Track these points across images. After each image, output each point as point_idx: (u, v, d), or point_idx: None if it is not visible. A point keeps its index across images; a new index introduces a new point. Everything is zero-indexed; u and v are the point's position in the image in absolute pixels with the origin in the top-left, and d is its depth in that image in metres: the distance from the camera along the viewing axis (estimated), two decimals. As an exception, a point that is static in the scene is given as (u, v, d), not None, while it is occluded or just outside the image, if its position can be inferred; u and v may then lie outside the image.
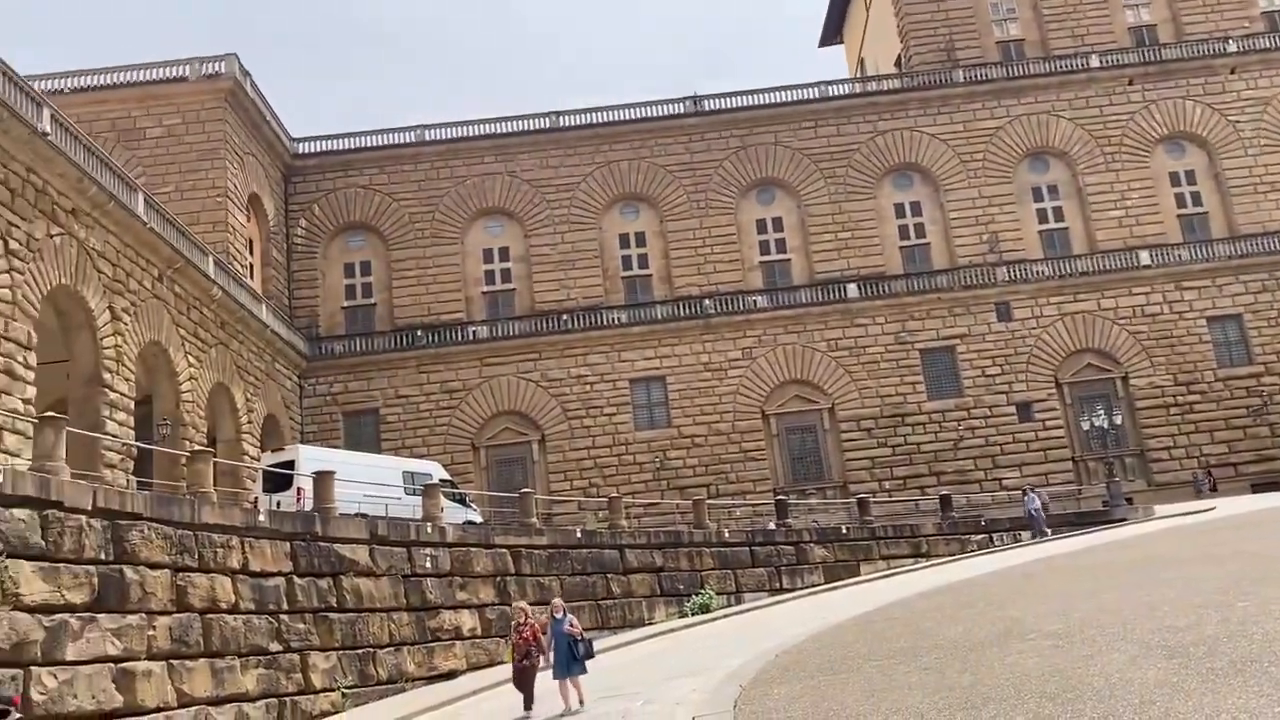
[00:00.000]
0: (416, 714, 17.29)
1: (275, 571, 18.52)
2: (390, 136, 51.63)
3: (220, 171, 43.85)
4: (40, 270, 25.70)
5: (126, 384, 29.46)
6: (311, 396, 46.79)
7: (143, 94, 44.44)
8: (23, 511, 13.51)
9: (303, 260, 49.99)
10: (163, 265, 32.70)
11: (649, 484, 45.21)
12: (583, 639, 14.99)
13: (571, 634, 14.89)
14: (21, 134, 25.02)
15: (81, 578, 14.09)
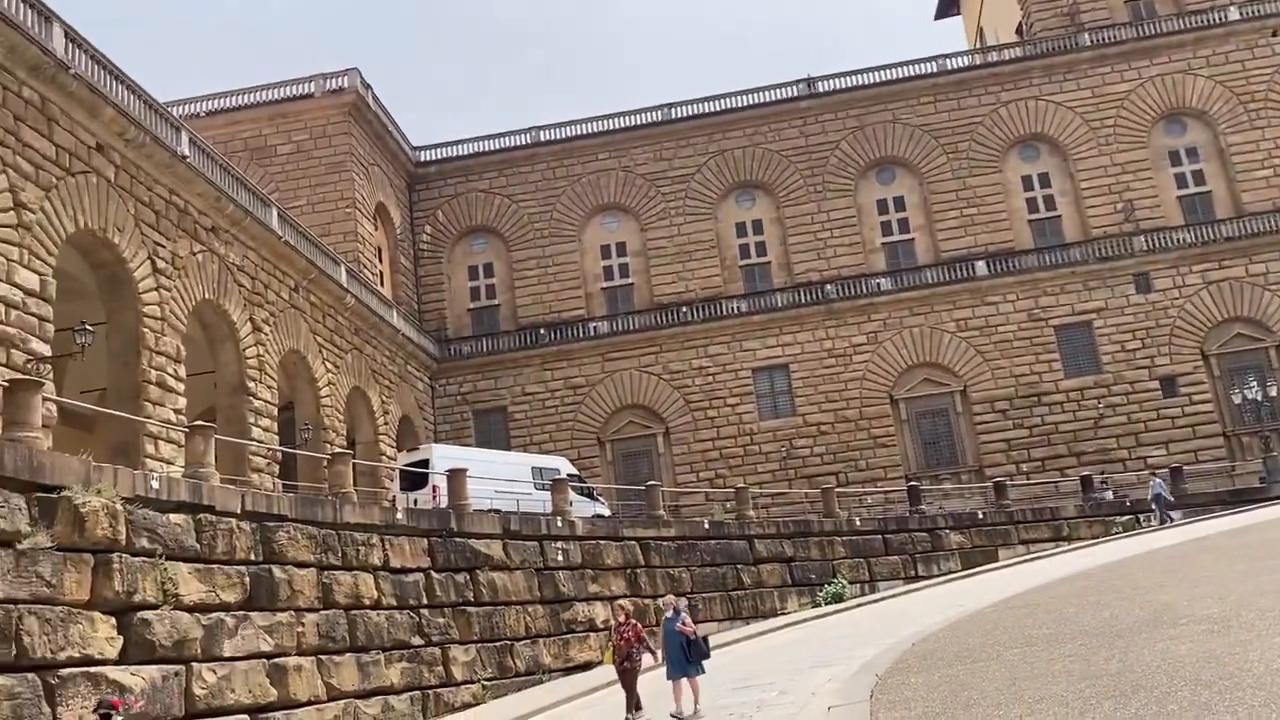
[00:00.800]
0: (549, 707, 17.59)
1: (414, 568, 19.10)
2: (506, 140, 52.51)
3: (348, 183, 45.42)
4: (185, 286, 27.10)
5: (269, 391, 30.81)
6: (443, 397, 48.06)
7: (272, 113, 46.38)
8: (178, 516, 14.27)
9: (429, 265, 51.37)
10: (298, 276, 34.07)
11: (776, 474, 44.87)
12: (696, 638, 14.34)
13: (684, 633, 14.24)
14: (163, 158, 26.42)
15: (234, 577, 14.80)
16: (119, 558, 12.76)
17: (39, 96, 22.05)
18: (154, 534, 13.55)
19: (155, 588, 13.21)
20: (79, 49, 23.43)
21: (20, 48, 21.25)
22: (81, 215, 23.01)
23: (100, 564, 12.57)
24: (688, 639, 14.19)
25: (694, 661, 14.13)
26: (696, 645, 14.19)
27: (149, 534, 13.46)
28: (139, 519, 13.39)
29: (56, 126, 22.59)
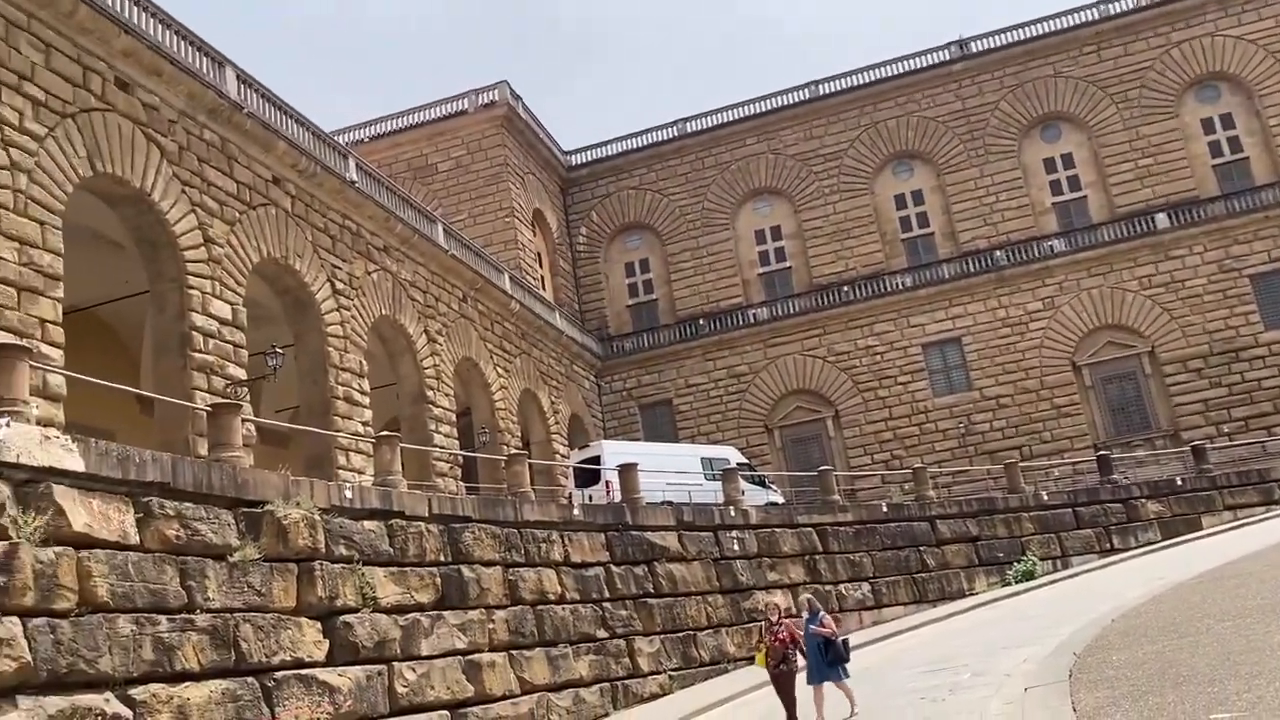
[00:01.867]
0: (734, 696, 17.61)
1: (594, 562, 19.47)
2: (652, 136, 52.83)
3: (505, 193, 46.72)
4: (363, 305, 28.47)
5: (447, 399, 32.04)
6: (609, 394, 48.81)
7: (430, 132, 48.20)
8: (372, 523, 15.01)
9: (587, 266, 52.26)
10: (465, 287, 35.28)
11: (954, 451, 43.50)
12: (836, 639, 13.54)
13: (822, 634, 13.44)
14: (334, 185, 27.82)
15: (426, 579, 15.45)
16: (320, 565, 13.51)
17: (218, 137, 23.58)
18: (350, 541, 14.29)
19: (355, 592, 13.93)
20: (249, 89, 24.92)
21: (198, 94, 22.77)
22: (265, 245, 24.48)
23: (303, 572, 13.35)
24: (826, 640, 13.45)
25: (834, 664, 13.42)
26: (836, 647, 13.45)
27: (346, 541, 14.21)
28: (336, 528, 14.14)
29: (236, 164, 24.10)
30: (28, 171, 18.03)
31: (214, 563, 12.08)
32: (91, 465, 11.00)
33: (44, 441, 10.62)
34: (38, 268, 17.78)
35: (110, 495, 11.16)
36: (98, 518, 10.81)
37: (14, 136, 17.86)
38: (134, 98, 21.06)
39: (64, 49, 19.42)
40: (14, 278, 17.24)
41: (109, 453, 11.32)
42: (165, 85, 21.89)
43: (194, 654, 11.23)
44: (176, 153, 22.05)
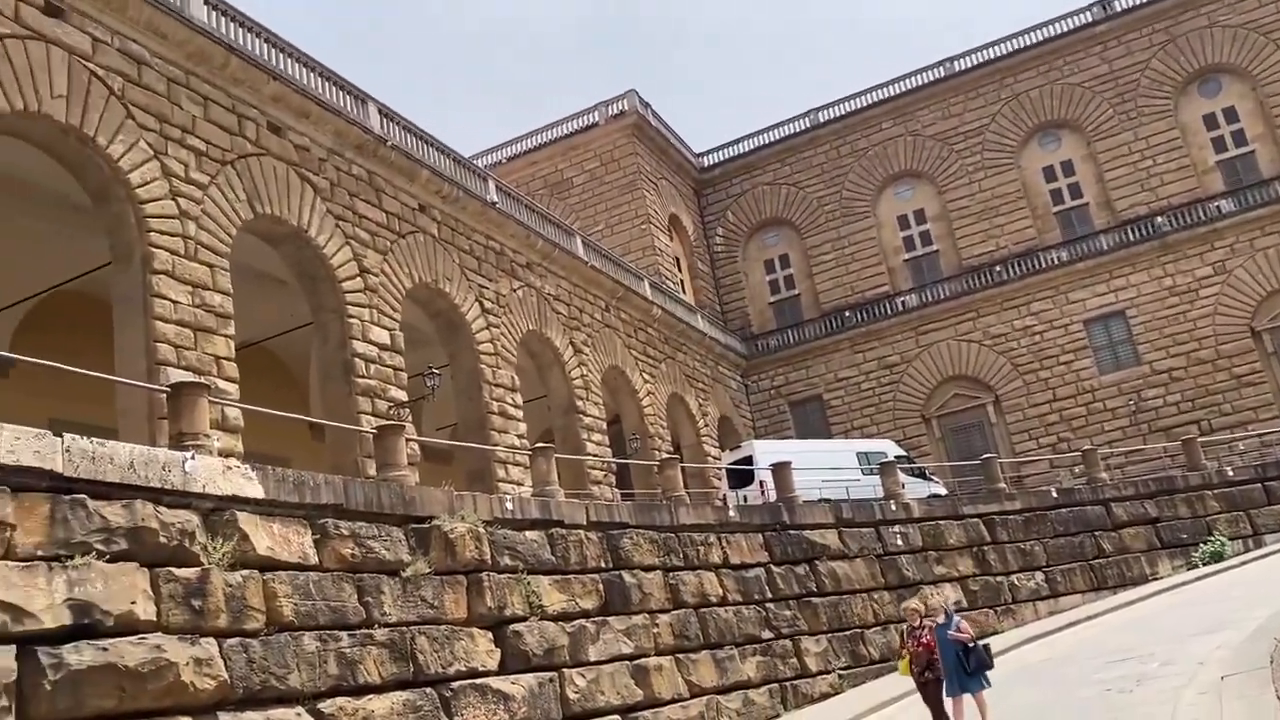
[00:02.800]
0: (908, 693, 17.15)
1: (754, 563, 19.35)
2: (784, 129, 52.26)
3: (640, 201, 47.08)
4: (511, 321, 29.16)
5: (596, 408, 32.46)
6: (756, 393, 48.47)
7: (564, 147, 49.03)
8: (533, 532, 15.32)
9: (725, 266, 52.09)
10: (607, 297, 35.71)
11: (1125, 430, 41.32)
12: (975, 644, 12.56)
13: (959, 640, 12.46)
14: (476, 208, 28.63)
15: (589, 585, 15.66)
16: (487, 576, 13.87)
17: (366, 171, 24.58)
18: (514, 551, 14.62)
19: (522, 601, 14.24)
20: (391, 122, 25.90)
21: (344, 131, 23.81)
22: (415, 271, 25.38)
23: (472, 583, 13.72)
24: (964, 647, 12.45)
25: (974, 673, 12.36)
26: (976, 654, 12.42)
27: (510, 552, 14.54)
28: (500, 539, 14.50)
29: (384, 195, 25.07)
30: (195, 219, 19.20)
31: (388, 578, 12.55)
32: (270, 491, 11.59)
33: (226, 471, 11.25)
34: (210, 308, 18.90)
35: (289, 519, 11.74)
36: (279, 541, 11.38)
37: (181, 187, 19.05)
38: (286, 140, 22.17)
39: (220, 100, 20.61)
40: (189, 319, 18.37)
41: (286, 479, 11.91)
42: (314, 126, 22.97)
43: (375, 667, 11.68)
44: (328, 189, 23.09)
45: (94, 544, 9.34)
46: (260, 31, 22.04)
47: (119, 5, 18.45)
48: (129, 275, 18.13)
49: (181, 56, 19.80)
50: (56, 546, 9.07)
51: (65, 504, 9.29)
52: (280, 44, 22.58)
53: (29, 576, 8.68)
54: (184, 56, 19.85)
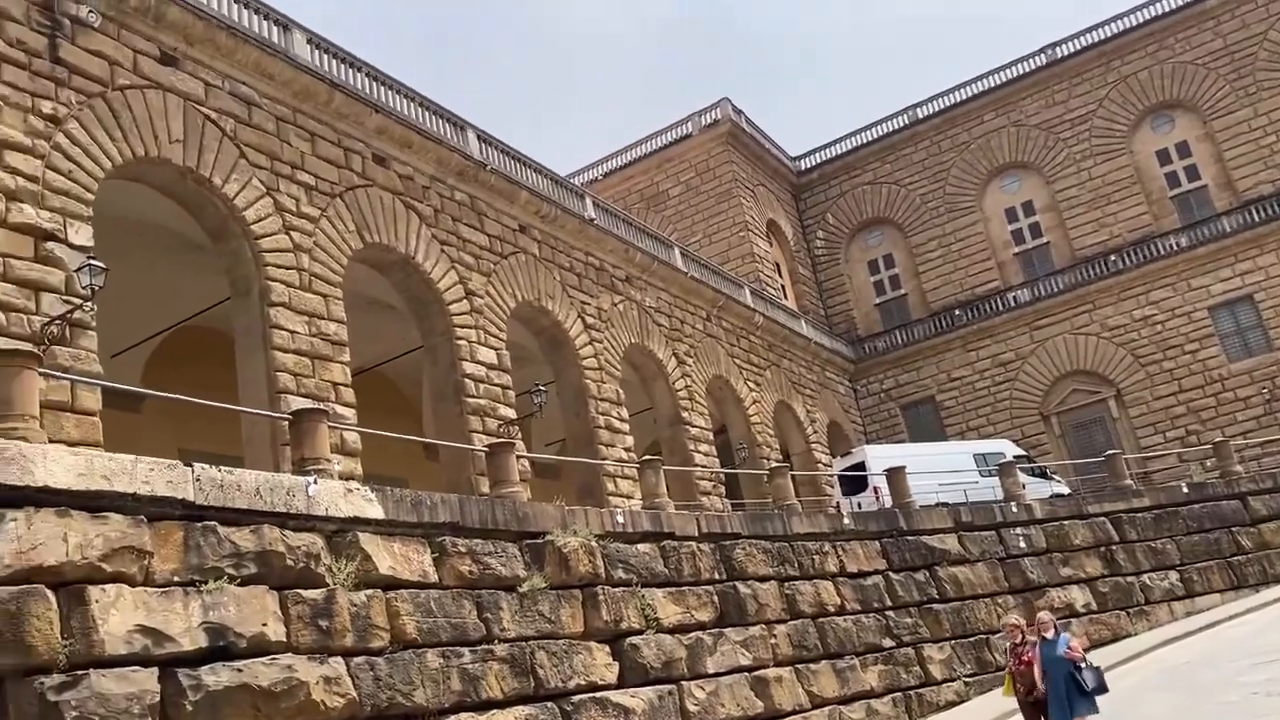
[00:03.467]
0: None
1: (871, 570, 19.01)
2: (882, 127, 51.45)
3: (737, 208, 46.90)
4: (613, 335, 29.34)
5: (702, 418, 32.39)
6: (866, 397, 47.68)
7: (659, 160, 49.20)
8: (645, 545, 15.34)
9: (828, 269, 51.45)
10: (708, 306, 35.64)
11: (1260, 420, 39.28)
12: (1087, 664, 11.63)
13: (1072, 659, 11.53)
14: (575, 225, 28.94)
15: (704, 597, 15.59)
16: (602, 590, 13.93)
17: (467, 196, 25.09)
18: (627, 565, 14.66)
19: (637, 614, 14.26)
20: (490, 147, 26.38)
21: (445, 158, 24.35)
22: (519, 291, 25.76)
23: (587, 597, 13.80)
24: (1076, 667, 11.50)
25: (1087, 696, 11.43)
26: (1087, 674, 11.49)
27: (623, 565, 14.58)
28: (612, 552, 14.55)
29: (485, 218, 25.54)
30: (308, 251, 19.87)
31: (505, 594, 12.71)
32: (390, 512, 11.88)
33: (347, 494, 11.57)
34: (325, 336, 19.51)
35: (408, 538, 12.00)
36: (400, 560, 11.65)
37: (293, 221, 19.75)
38: (390, 170, 22.79)
39: (326, 135, 21.31)
40: (307, 348, 18.99)
41: (404, 499, 12.19)
42: (416, 155, 23.55)
43: (496, 683, 11.83)
44: (432, 215, 23.63)
45: (225, 568, 9.70)
46: (361, 66, 22.73)
47: (228, 50, 19.26)
48: (248, 308, 18.85)
49: (288, 95, 20.55)
50: (191, 572, 9.45)
51: (198, 531, 9.67)
52: (381, 77, 23.24)
53: (167, 601, 9.06)
54: (291, 95, 20.60)
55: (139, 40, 17.80)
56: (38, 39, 16.14)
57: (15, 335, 14.27)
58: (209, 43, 18.92)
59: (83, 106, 16.52)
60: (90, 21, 16.94)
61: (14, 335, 14.25)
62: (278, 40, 20.59)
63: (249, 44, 19.59)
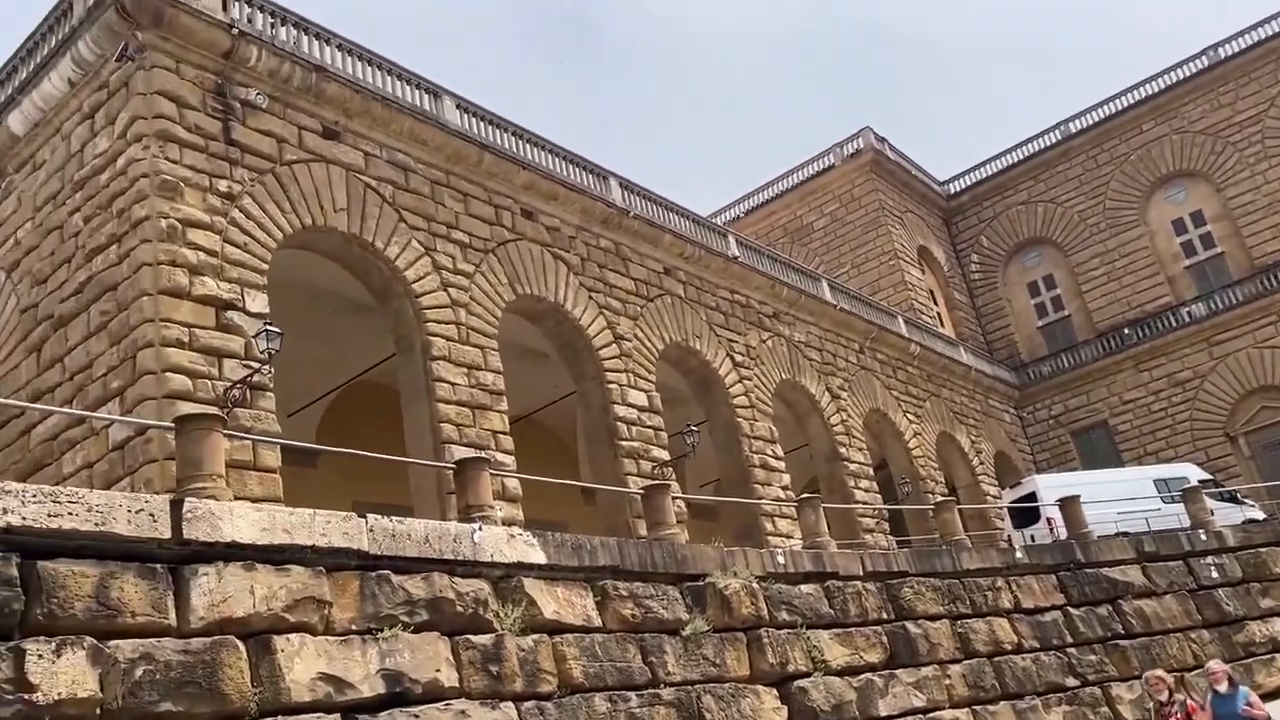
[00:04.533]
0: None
1: (1048, 606, 18.11)
2: (1032, 145, 49.78)
3: (885, 237, 46.10)
4: (764, 372, 29.15)
5: (860, 453, 31.71)
6: (1034, 424, 45.74)
7: (801, 194, 48.95)
8: (808, 586, 15.06)
9: (985, 294, 49.88)
10: (860, 338, 35.02)
11: None
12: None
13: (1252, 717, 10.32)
14: (719, 264, 29.02)
15: (872, 638, 15.16)
16: (766, 632, 13.72)
17: (612, 243, 25.53)
18: (791, 606, 14.41)
19: (804, 656, 13.97)
20: (632, 194, 26.82)
21: (590, 208, 24.88)
22: (666, 333, 25.96)
23: (751, 640, 13.61)
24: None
25: None
26: None
27: (787, 606, 14.34)
28: (775, 594, 14.34)
29: (630, 263, 25.91)
30: (464, 306, 20.58)
31: (668, 637, 12.67)
32: (552, 556, 12.06)
33: (510, 540, 11.82)
34: (484, 387, 20.11)
35: (570, 582, 12.14)
36: (563, 604, 11.78)
37: (450, 278, 20.51)
38: (538, 223, 23.44)
39: (477, 194, 22.12)
40: (467, 398, 19.61)
41: (564, 543, 12.36)
42: (561, 207, 24.17)
43: (664, 727, 11.76)
44: (579, 264, 24.14)
45: (399, 616, 10.02)
46: (508, 126, 23.54)
47: (384, 120, 20.29)
48: (412, 363, 19.63)
49: (441, 159, 21.46)
50: (367, 620, 9.81)
51: (372, 580, 10.05)
52: (526, 135, 24.00)
53: (346, 649, 9.42)
54: (443, 159, 21.51)
55: (303, 117, 18.97)
56: (213, 123, 17.40)
57: (201, 400, 15.26)
58: (366, 115, 19.99)
59: (255, 182, 17.67)
60: (259, 103, 18.16)
61: (200, 400, 15.25)
62: (429, 107, 21.57)
63: (403, 113, 20.60)
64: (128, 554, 8.37)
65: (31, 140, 18.93)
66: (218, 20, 17.62)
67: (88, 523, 8.14)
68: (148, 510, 8.59)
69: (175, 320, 15.63)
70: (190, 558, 8.75)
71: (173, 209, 16.20)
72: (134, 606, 8.17)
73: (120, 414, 15.14)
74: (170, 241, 15.99)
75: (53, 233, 17.99)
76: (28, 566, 7.74)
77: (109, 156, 17.12)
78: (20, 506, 7.81)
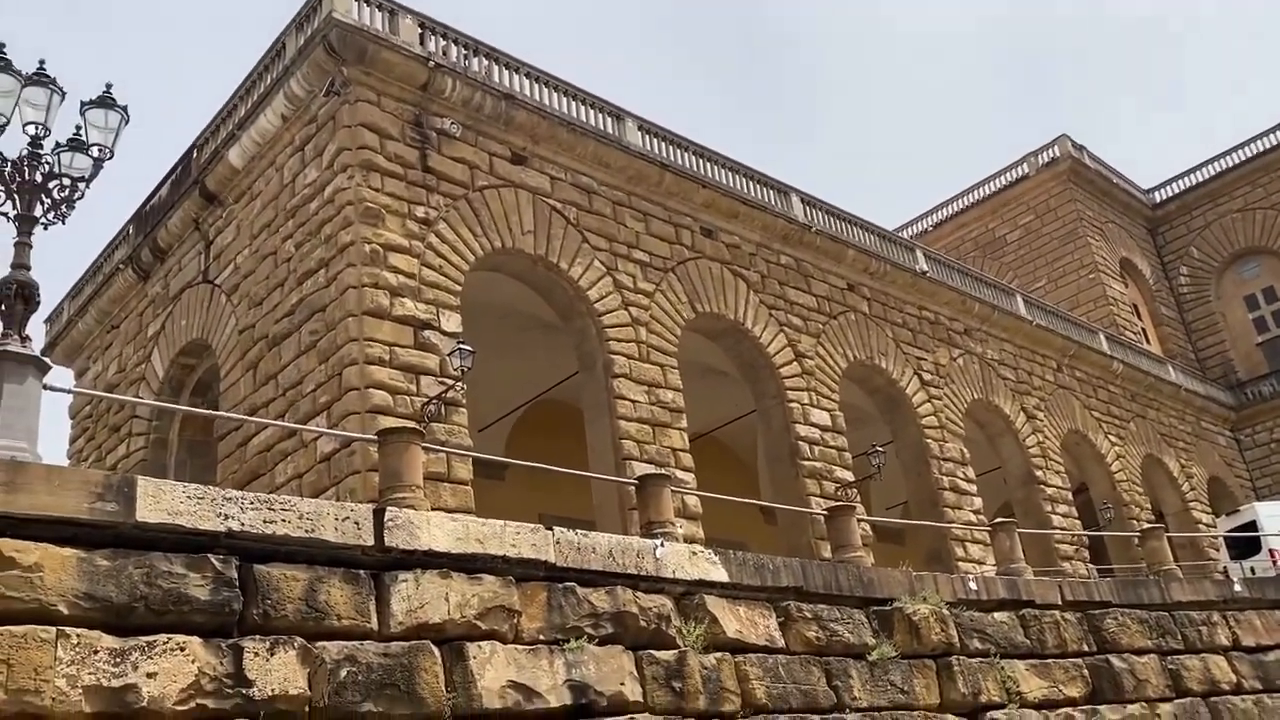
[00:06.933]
0: None
1: (1272, 645, 16.66)
2: (1250, 148, 46.27)
3: (1084, 249, 43.81)
4: (954, 391, 28.14)
5: (1058, 477, 30.14)
6: (1252, 448, 42.30)
7: (993, 205, 47.14)
8: (1001, 614, 14.37)
9: (1195, 308, 46.62)
10: (1057, 356, 33.34)
11: None
12: None
13: None
14: (905, 280, 28.26)
15: (1071, 670, 14.32)
16: (957, 660, 13.18)
17: (793, 259, 25.28)
18: (983, 634, 13.79)
19: (997, 687, 13.33)
20: (814, 209, 26.49)
21: (770, 224, 24.74)
22: (850, 350, 25.46)
23: (941, 667, 13.10)
24: None
25: None
26: None
27: (979, 635, 13.74)
28: (966, 621, 13.76)
29: (812, 280, 25.58)
30: (645, 324, 20.83)
31: (854, 661, 12.35)
32: (733, 575, 11.97)
33: (692, 557, 11.81)
34: (664, 404, 20.27)
35: (753, 601, 12.02)
36: (745, 624, 11.67)
37: (631, 297, 20.82)
38: (718, 241, 23.49)
39: (657, 214, 22.39)
40: (647, 416, 19.82)
41: (746, 562, 12.26)
42: (741, 224, 24.13)
43: (849, 753, 11.46)
44: (759, 281, 24.02)
45: (584, 628, 10.17)
46: (688, 146, 23.73)
47: (568, 144, 20.84)
48: (594, 380, 20.01)
49: (623, 180, 21.85)
50: (554, 631, 10.00)
51: (559, 591, 10.24)
52: (706, 153, 24.13)
53: (534, 659, 9.63)
54: (625, 180, 21.89)
55: (493, 144, 19.72)
56: (411, 152, 18.34)
57: (400, 414, 16.03)
58: (552, 140, 20.59)
59: (449, 208, 18.49)
60: (453, 132, 19.01)
61: (399, 415, 16.02)
62: (611, 130, 22.01)
63: (587, 136, 21.11)
64: (334, 560, 8.84)
65: (249, 173, 20.47)
66: (416, 54, 18.58)
67: (299, 529, 8.65)
68: (353, 519, 9.06)
69: (377, 339, 16.50)
70: (391, 564, 9.16)
71: (375, 234, 17.14)
72: (339, 610, 8.62)
73: (327, 428, 16.08)
74: (373, 265, 16.92)
75: (267, 258, 19.36)
76: (245, 569, 8.28)
77: (317, 186, 18.29)
78: (240, 513, 8.38)
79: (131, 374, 23.38)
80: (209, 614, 7.90)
